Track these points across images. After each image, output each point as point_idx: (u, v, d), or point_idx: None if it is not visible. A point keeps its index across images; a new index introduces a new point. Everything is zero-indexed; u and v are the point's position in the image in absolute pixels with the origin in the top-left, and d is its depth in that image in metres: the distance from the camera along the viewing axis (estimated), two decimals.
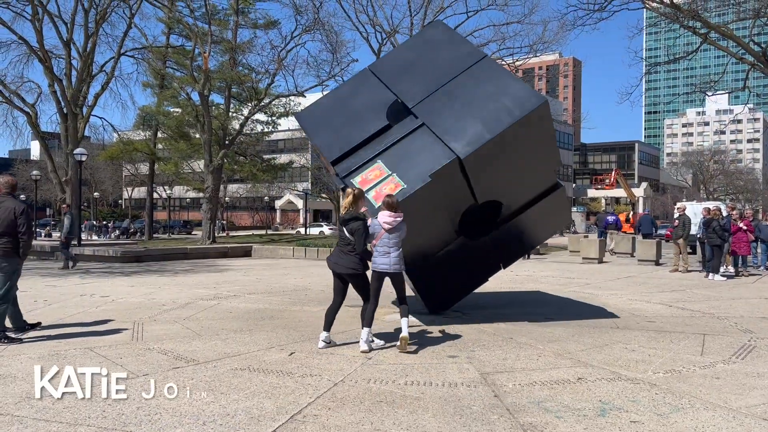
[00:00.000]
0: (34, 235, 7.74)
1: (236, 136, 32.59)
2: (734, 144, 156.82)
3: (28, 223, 7.04)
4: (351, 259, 6.77)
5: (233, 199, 73.68)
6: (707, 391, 5.20)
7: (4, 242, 6.94)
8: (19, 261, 7.14)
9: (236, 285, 13.31)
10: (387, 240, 6.74)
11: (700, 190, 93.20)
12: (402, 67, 8.69)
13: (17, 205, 6.99)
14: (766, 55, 22.83)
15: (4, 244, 6.94)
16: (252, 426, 4.33)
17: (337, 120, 8.46)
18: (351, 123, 8.25)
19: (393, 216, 6.71)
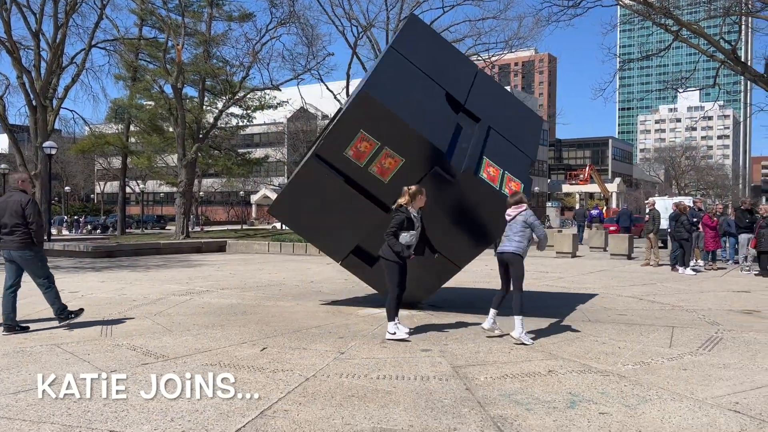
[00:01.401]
0: (44, 225, 8.07)
1: (210, 129, 32.22)
2: (705, 140, 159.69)
3: (35, 213, 7.33)
4: (384, 246, 7.17)
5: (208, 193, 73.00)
6: (675, 383, 5.27)
7: (20, 234, 7.29)
8: (38, 249, 7.47)
9: (209, 280, 13.18)
10: (507, 229, 7.27)
11: (672, 186, 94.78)
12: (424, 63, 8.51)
13: (23, 198, 7.35)
14: (736, 53, 23.24)
15: (20, 235, 7.30)
16: (221, 422, 4.28)
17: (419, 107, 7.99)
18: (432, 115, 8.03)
19: (515, 209, 7.22)
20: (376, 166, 7.70)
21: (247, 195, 71.58)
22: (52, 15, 29.88)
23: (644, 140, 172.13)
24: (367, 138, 7.58)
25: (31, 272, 7.50)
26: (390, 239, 7.02)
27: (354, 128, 7.60)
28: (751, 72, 22.95)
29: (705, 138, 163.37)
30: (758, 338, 7.17)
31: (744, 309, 9.37)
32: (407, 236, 7.03)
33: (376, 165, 7.70)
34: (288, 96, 36.40)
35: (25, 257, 7.37)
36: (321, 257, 20.03)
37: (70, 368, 5.64)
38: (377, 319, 8.41)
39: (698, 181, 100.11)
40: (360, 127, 7.55)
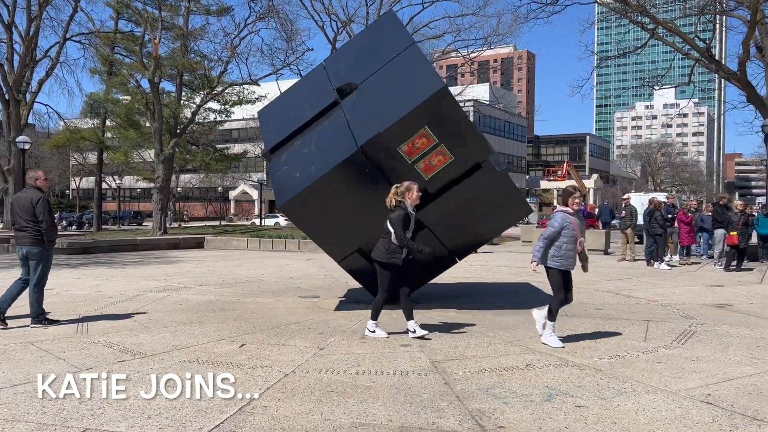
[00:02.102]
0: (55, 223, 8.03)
1: (188, 124, 31.91)
2: (680, 137, 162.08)
3: (45, 211, 7.36)
4: (378, 247, 6.94)
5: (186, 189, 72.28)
6: (649, 375, 5.36)
7: (31, 230, 7.32)
8: (46, 248, 7.48)
9: (187, 277, 13.07)
10: None
11: (648, 182, 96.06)
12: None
13: (35, 196, 7.38)
14: (710, 51, 23.60)
15: (31, 232, 7.33)
16: (199, 418, 4.25)
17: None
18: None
19: None
20: (424, 162, 7.76)
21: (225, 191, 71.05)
22: (25, 7, 29.38)
23: (621, 137, 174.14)
24: (428, 135, 7.64)
25: (31, 267, 7.50)
26: (384, 240, 6.82)
27: (418, 124, 7.59)
28: (724, 70, 23.33)
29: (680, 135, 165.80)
30: (730, 331, 7.31)
31: (717, 303, 9.55)
32: None
33: (425, 161, 7.76)
34: (267, 91, 36.06)
35: (32, 252, 7.41)
36: (301, 253, 19.99)
37: (45, 366, 5.57)
38: (357, 315, 8.42)
39: (674, 177, 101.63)
40: (425, 124, 7.59)
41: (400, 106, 7.69)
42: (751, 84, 22.19)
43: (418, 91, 7.79)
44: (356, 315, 8.38)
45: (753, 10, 20.65)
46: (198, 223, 54.03)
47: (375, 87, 8.20)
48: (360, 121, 7.83)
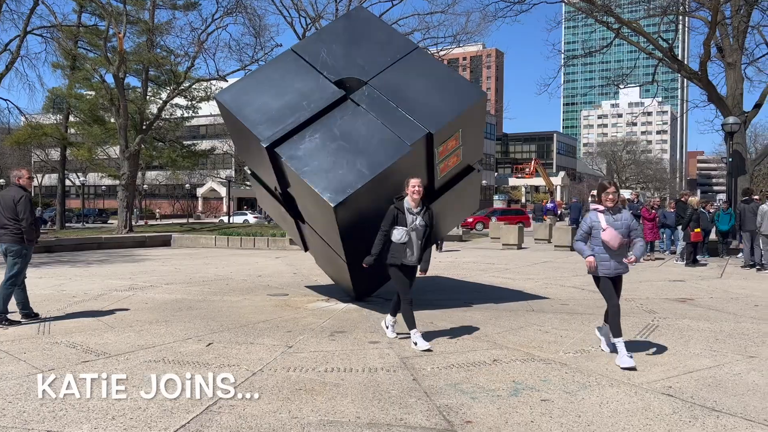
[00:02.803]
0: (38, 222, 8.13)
1: (154, 120, 31.38)
2: (645, 135, 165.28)
3: (26, 210, 7.41)
4: None
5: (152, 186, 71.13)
6: (613, 369, 5.47)
7: (12, 228, 7.38)
8: (25, 246, 7.50)
9: (153, 275, 12.87)
10: None
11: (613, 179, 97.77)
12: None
13: (17, 194, 7.42)
14: (673, 51, 24.10)
15: (12, 230, 7.38)
16: (165, 418, 4.20)
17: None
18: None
19: None
20: (445, 163, 8.03)
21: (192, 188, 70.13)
22: None
23: (587, 135, 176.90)
24: (459, 137, 8.00)
25: (8, 264, 7.52)
26: (378, 237, 6.33)
27: (458, 126, 7.87)
28: (686, 69, 23.84)
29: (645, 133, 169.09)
30: (691, 325, 7.50)
31: (679, 297, 9.78)
32: (396, 233, 6.28)
33: (445, 162, 8.04)
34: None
35: (10, 249, 7.44)
36: (270, 251, 19.85)
37: (5, 368, 5.43)
38: (326, 312, 8.41)
39: (638, 174, 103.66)
40: (462, 127, 7.91)
41: (448, 108, 7.93)
42: (711, 83, 22.72)
43: (464, 95, 8.19)
44: (326, 312, 8.37)
45: (713, 11, 21.14)
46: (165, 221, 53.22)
47: (395, 86, 8.12)
48: (396, 120, 7.79)
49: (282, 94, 8.17)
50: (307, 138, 7.69)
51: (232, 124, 8.48)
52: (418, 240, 6.30)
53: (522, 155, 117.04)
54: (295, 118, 7.79)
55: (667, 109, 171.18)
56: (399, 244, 6.21)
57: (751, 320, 7.88)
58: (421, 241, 6.33)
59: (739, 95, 22.14)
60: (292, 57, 8.50)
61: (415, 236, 6.27)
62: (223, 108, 8.21)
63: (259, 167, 8.82)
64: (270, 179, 8.47)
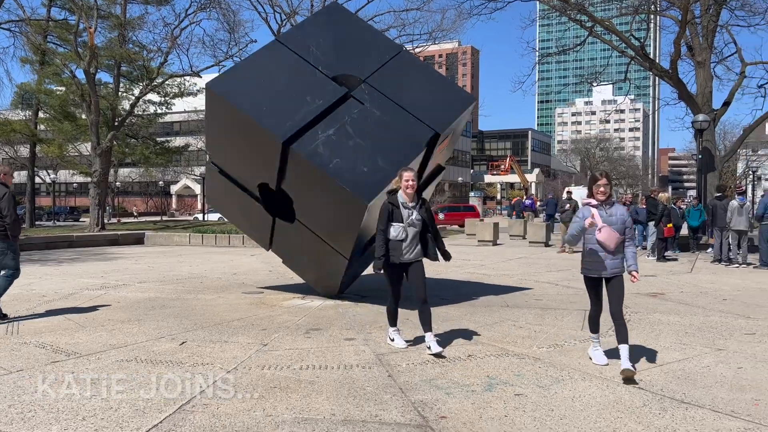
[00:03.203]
0: (20, 219, 8.50)
1: (126, 117, 30.92)
2: (618, 132, 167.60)
3: (9, 206, 7.46)
4: None
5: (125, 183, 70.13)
6: (585, 363, 5.54)
7: None
8: (10, 243, 7.54)
9: (126, 274, 12.70)
10: None
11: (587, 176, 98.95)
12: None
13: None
14: (644, 50, 24.45)
15: None
16: (137, 418, 4.15)
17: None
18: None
19: None
20: (431, 162, 8.40)
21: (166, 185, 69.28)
22: None
23: (561, 132, 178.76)
24: (450, 138, 8.59)
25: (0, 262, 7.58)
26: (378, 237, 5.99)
27: (452, 128, 8.40)
28: (657, 68, 24.21)
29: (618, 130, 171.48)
30: (662, 319, 7.63)
31: (650, 292, 9.94)
32: (393, 230, 5.94)
33: (431, 161, 8.39)
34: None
35: None
36: (245, 248, 19.70)
37: None
38: (302, 309, 8.38)
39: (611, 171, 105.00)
40: (455, 128, 8.48)
41: (446, 110, 8.24)
42: (682, 81, 23.11)
43: (458, 98, 8.60)
44: (302, 310, 8.34)
45: (683, 10, 21.50)
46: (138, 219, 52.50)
47: (392, 86, 8.24)
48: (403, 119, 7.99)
49: (281, 87, 7.94)
50: (320, 135, 7.59)
51: (223, 116, 8.04)
52: (416, 235, 5.98)
53: (497, 152, 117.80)
54: (304, 114, 7.64)
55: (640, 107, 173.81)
56: (396, 242, 5.89)
57: (720, 314, 8.04)
58: (419, 236, 6.02)
59: (708, 93, 22.56)
60: (282, 48, 8.25)
61: (412, 232, 5.95)
62: (218, 99, 7.74)
63: (239, 163, 8.53)
64: (257, 176, 8.26)
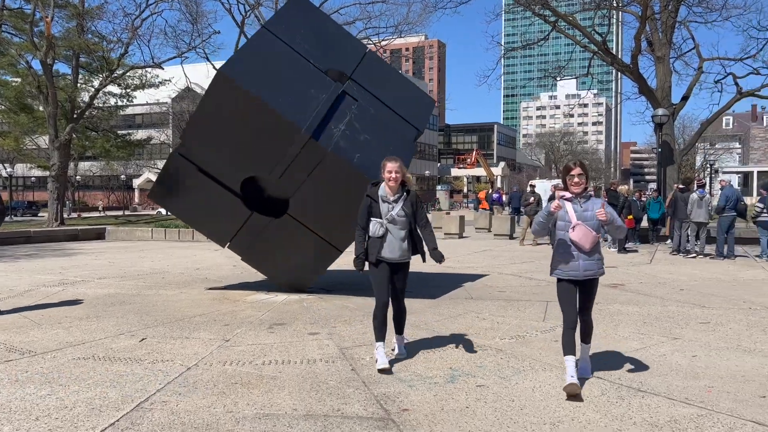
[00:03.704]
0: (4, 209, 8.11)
1: (86, 109, 30.14)
2: (581, 126, 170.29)
3: None
4: None
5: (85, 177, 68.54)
6: (546, 354, 5.62)
7: None
8: None
9: (85, 269, 12.41)
10: None
11: (551, 169, 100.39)
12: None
13: None
14: (606, 45, 24.85)
15: None
16: (92, 417, 4.05)
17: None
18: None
19: None
20: None
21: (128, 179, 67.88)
22: None
23: (527, 126, 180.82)
24: None
25: None
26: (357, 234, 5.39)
27: None
28: (619, 63, 24.64)
29: (581, 124, 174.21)
30: (621, 309, 7.79)
31: (611, 283, 10.13)
32: (372, 226, 5.31)
33: None
34: (171, 75, 34.77)
35: None
36: (209, 243, 19.38)
37: None
38: (266, 304, 8.31)
39: None
40: None
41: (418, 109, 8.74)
42: (642, 76, 23.57)
43: (425, 99, 9.33)
44: (266, 305, 8.27)
45: (643, 5, 21.92)
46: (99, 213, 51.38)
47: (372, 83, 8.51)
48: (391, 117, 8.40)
49: (286, 78, 7.88)
50: (334, 129, 7.68)
51: (234, 105, 7.61)
52: (399, 232, 5.29)
53: (464, 146, 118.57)
54: (315, 107, 7.67)
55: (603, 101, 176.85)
56: (375, 239, 5.26)
57: (677, 303, 8.24)
58: (403, 232, 5.31)
59: (668, 88, 23.06)
60: (273, 38, 8.13)
61: (393, 228, 5.28)
62: (235, 88, 7.38)
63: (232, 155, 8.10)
64: (250, 169, 8.10)
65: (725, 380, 4.83)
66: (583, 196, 4.72)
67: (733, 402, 4.32)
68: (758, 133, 63.43)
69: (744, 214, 14.71)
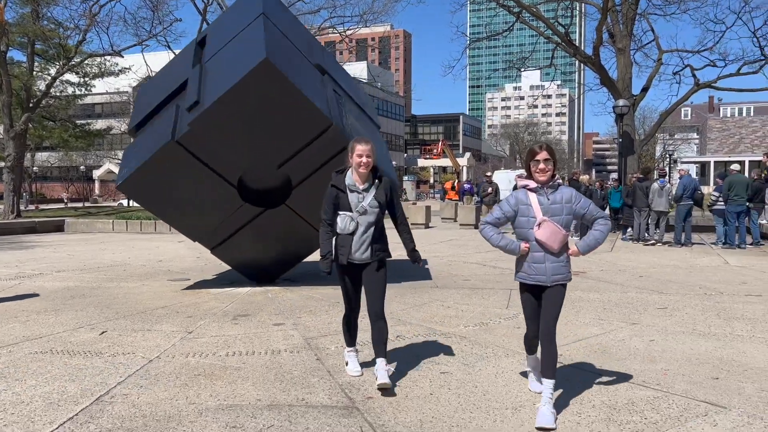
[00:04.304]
0: None
1: (42, 98, 29.29)
2: (545, 117, 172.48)
3: None
4: None
5: (43, 168, 66.69)
6: (509, 340, 5.70)
7: None
8: None
9: (43, 263, 12.10)
10: None
11: (516, 160, 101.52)
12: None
13: None
14: (569, 36, 25.16)
15: None
16: (50, 412, 3.96)
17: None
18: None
19: None
20: None
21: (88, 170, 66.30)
22: None
23: (492, 117, 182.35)
24: None
25: None
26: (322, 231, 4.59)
27: None
28: (581, 54, 24.97)
29: (545, 115, 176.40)
30: (582, 296, 7.94)
31: (573, 271, 10.28)
32: (339, 221, 4.49)
33: None
34: (132, 63, 33.98)
35: None
36: (172, 235, 19.13)
37: None
38: (230, 296, 8.23)
39: None
40: None
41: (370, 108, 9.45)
42: (604, 68, 23.93)
43: (371, 103, 10.02)
44: (230, 296, 8.19)
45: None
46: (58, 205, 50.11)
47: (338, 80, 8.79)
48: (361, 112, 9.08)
49: (300, 69, 7.83)
50: (345, 120, 7.79)
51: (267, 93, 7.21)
52: (371, 227, 4.50)
53: (430, 137, 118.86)
54: (328, 98, 7.76)
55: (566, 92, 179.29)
56: (345, 236, 4.48)
57: (636, 290, 8.44)
58: (376, 226, 4.54)
59: (628, 79, 23.48)
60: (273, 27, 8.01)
61: (365, 221, 4.48)
62: (280, 77, 7.05)
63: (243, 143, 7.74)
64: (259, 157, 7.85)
65: (680, 363, 4.97)
66: (550, 185, 3.93)
67: (687, 384, 4.45)
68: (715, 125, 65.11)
69: (701, 202, 15.15)
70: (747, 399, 4.14)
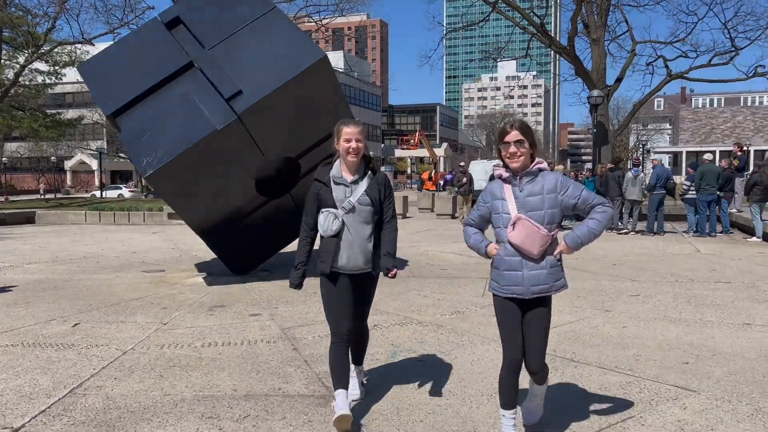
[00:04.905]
0: None
1: (10, 87, 28.64)
2: (521, 107, 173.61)
3: None
4: None
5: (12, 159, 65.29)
6: (484, 328, 5.75)
7: None
8: None
9: (14, 255, 11.87)
10: None
11: (492, 150, 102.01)
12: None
13: None
14: (544, 27, 25.33)
15: None
16: (22, 405, 3.91)
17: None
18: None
19: None
20: None
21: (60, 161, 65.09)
22: None
23: (468, 107, 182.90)
24: None
25: None
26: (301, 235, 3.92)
27: None
28: (556, 45, 25.17)
29: (521, 105, 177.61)
30: None
31: None
32: (322, 220, 3.70)
33: None
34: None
35: None
36: (146, 226, 18.91)
37: None
38: (205, 287, 8.17)
39: None
40: None
41: None
42: (578, 58, 24.17)
43: None
44: (205, 288, 8.13)
45: None
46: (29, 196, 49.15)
47: None
48: None
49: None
50: None
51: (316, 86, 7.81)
52: (362, 228, 3.70)
53: (407, 127, 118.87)
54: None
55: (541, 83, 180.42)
56: (328, 239, 3.70)
57: (609, 278, 8.57)
58: (369, 228, 3.74)
59: (602, 70, 23.73)
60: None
61: (353, 222, 3.67)
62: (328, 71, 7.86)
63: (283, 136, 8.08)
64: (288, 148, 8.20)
65: (652, 349, 5.07)
66: (526, 173, 3.16)
67: (658, 369, 4.54)
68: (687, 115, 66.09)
69: (673, 192, 15.40)
70: (716, 383, 4.24)
